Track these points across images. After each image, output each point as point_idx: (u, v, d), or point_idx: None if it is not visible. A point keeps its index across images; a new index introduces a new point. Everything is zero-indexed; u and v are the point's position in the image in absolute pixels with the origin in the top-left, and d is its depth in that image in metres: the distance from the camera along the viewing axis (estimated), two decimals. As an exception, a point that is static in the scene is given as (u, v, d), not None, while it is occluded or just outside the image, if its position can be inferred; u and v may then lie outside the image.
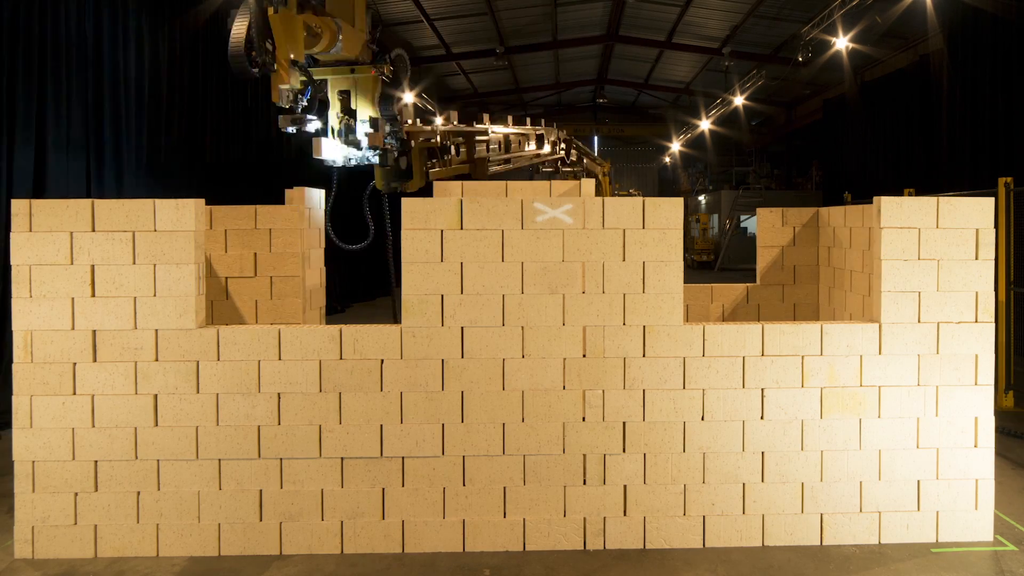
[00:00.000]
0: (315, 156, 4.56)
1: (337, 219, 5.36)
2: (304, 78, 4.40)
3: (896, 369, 4.29)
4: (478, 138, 6.32)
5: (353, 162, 4.82)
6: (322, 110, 4.72)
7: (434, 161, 5.43)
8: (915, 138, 15.70)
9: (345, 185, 5.36)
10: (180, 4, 9.66)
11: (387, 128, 4.73)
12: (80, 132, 7.81)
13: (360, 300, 16.61)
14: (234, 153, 11.05)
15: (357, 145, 4.71)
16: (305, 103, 4.54)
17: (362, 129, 4.71)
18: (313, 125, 4.62)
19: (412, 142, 5.07)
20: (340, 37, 4.41)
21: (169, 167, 9.23)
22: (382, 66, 4.81)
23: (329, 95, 4.76)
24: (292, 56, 4.12)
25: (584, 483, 4.26)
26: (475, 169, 6.13)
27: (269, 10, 4.00)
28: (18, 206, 4.12)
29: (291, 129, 4.48)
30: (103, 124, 8.07)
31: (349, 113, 4.71)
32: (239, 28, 3.86)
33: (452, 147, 5.76)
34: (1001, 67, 11.28)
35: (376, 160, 4.83)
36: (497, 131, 7.06)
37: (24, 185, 7.09)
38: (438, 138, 5.42)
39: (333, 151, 4.64)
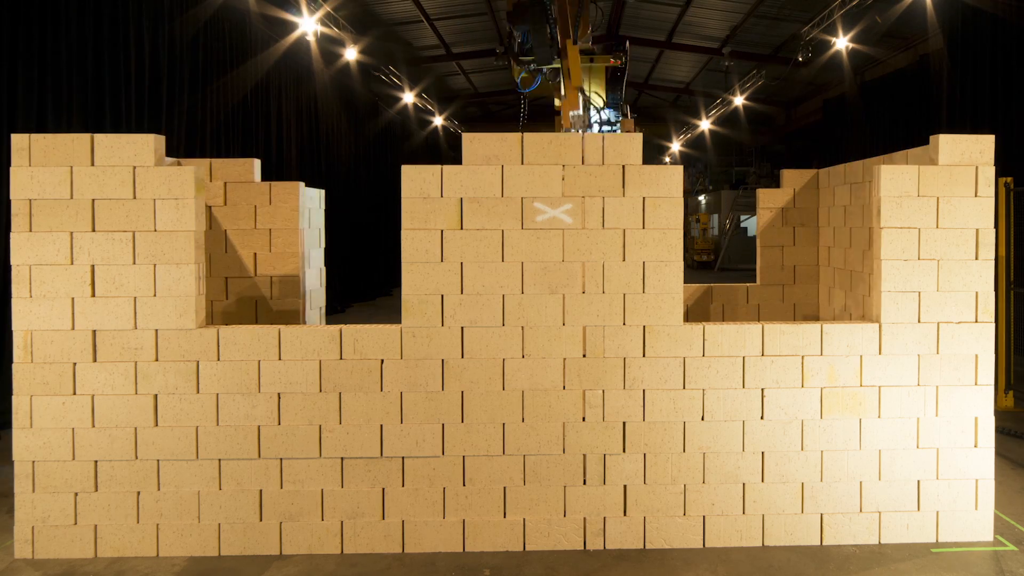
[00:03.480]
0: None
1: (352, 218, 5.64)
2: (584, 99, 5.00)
3: (896, 369, 4.29)
4: None
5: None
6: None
7: None
8: (915, 138, 15.68)
9: (351, 185, 5.44)
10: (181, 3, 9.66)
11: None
12: (80, 130, 7.80)
13: (360, 300, 16.62)
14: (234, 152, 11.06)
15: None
16: (588, 123, 5.13)
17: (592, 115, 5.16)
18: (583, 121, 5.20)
19: None
20: (590, 29, 4.84)
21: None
22: (620, 55, 5.39)
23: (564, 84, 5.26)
24: (579, 83, 4.64)
25: (584, 483, 4.26)
26: None
27: (567, 42, 4.49)
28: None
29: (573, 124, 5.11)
30: (103, 122, 8.06)
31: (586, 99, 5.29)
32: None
33: None
34: (1001, 67, 11.28)
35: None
36: None
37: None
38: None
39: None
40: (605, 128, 5.38)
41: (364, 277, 16.94)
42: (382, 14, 16.49)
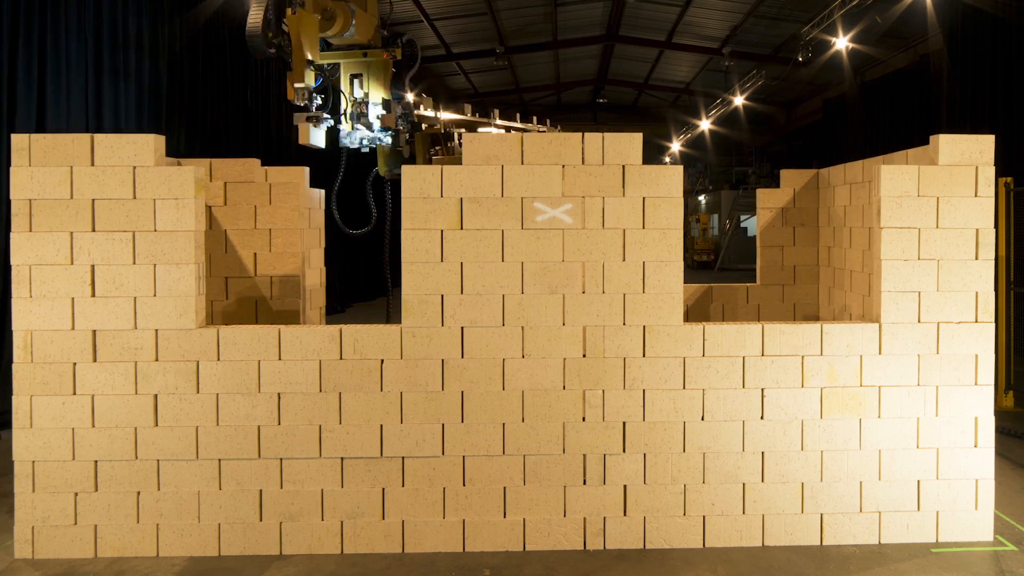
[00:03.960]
0: (300, 142, 4.65)
1: (339, 209, 5.49)
2: (316, 71, 4.50)
3: (896, 369, 4.29)
4: (480, 129, 6.39)
5: (364, 143, 4.93)
6: (335, 106, 4.80)
7: (437, 148, 5.52)
8: (915, 138, 15.68)
9: (352, 185, 5.46)
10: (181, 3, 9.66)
11: (399, 110, 4.84)
12: (80, 130, 7.80)
13: (360, 300, 16.61)
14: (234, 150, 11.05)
15: (369, 127, 4.83)
16: (320, 100, 4.62)
17: (375, 111, 4.80)
18: (326, 123, 4.70)
19: (423, 126, 5.22)
20: (353, 21, 4.51)
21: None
22: (394, 49, 4.94)
23: (341, 79, 4.86)
24: (309, 56, 4.24)
25: (584, 483, 4.26)
26: None
27: (287, 10, 4.13)
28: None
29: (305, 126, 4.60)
30: (103, 118, 8.06)
31: (360, 96, 4.84)
32: (256, 12, 3.97)
33: (456, 135, 5.88)
34: (1001, 67, 11.28)
35: (388, 141, 4.94)
36: (500, 124, 7.16)
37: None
38: (441, 126, 5.52)
39: (318, 138, 4.74)
40: (381, 134, 4.97)
41: (364, 277, 16.93)
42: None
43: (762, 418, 4.27)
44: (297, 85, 4.34)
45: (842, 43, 16.17)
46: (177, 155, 9.19)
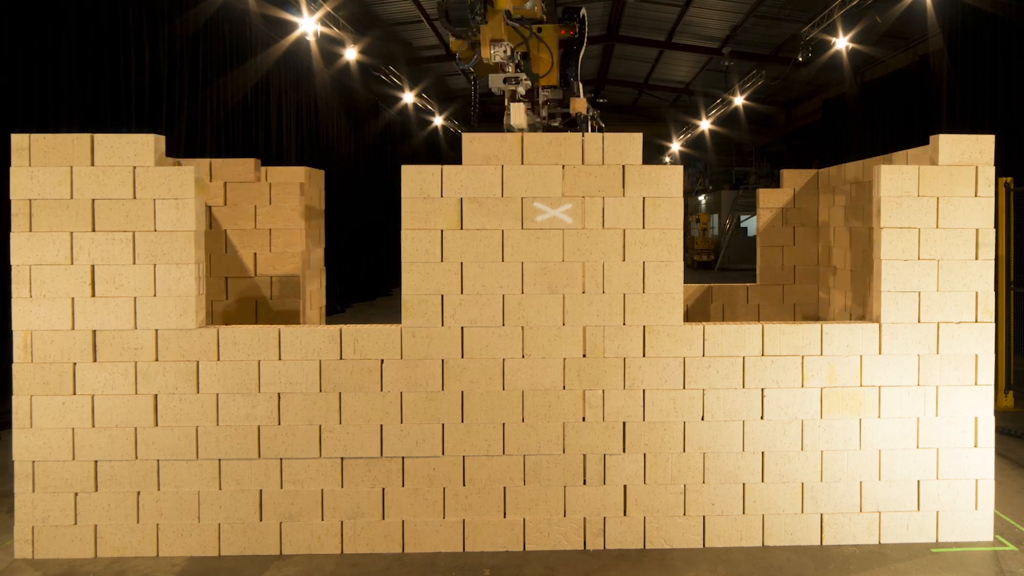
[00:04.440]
0: (512, 123, 4.29)
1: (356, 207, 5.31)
2: (518, 29, 3.94)
3: (896, 369, 4.29)
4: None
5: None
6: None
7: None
8: (915, 138, 15.67)
9: (352, 185, 5.38)
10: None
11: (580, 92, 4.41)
12: (80, 130, 7.80)
13: (360, 300, 16.61)
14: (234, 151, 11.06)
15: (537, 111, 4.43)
16: (517, 60, 4.13)
17: (544, 95, 4.38)
18: (524, 85, 4.23)
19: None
20: None
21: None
22: (573, 24, 4.50)
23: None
24: (508, 6, 3.72)
25: (584, 483, 4.26)
26: None
27: None
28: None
29: (498, 90, 4.15)
30: (103, 118, 8.06)
31: (531, 76, 4.32)
32: None
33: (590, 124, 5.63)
34: (1001, 67, 11.28)
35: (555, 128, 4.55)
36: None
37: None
38: (590, 113, 5.20)
39: (520, 119, 4.36)
40: (545, 109, 4.43)
41: (364, 277, 16.94)
42: (382, 14, 16.48)
43: (762, 418, 4.27)
44: (495, 41, 3.80)
45: (842, 43, 16.16)
46: (177, 155, 9.20)
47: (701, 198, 35.35)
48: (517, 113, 4.25)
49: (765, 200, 6.00)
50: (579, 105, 4.37)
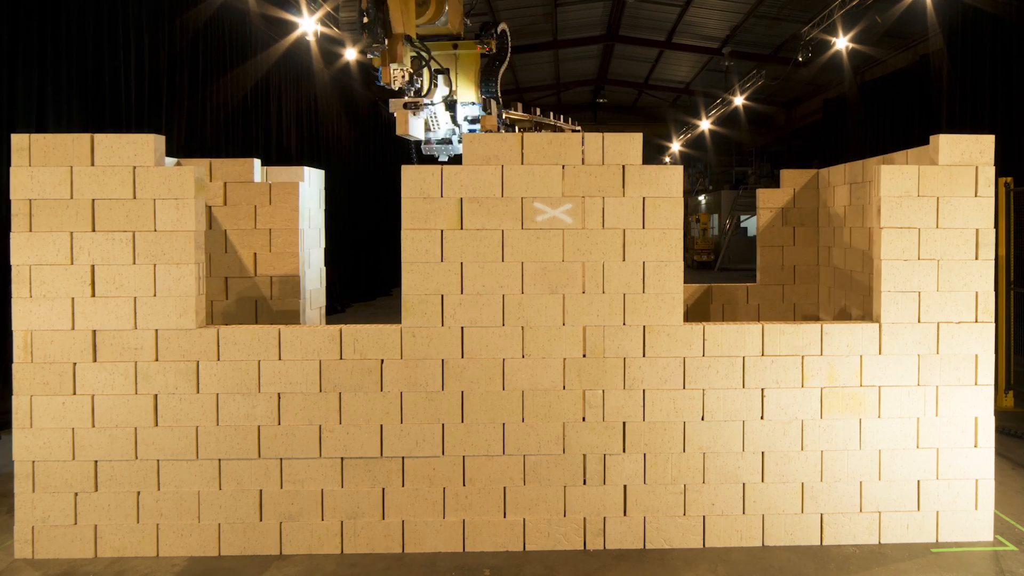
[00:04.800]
0: (398, 133, 4.32)
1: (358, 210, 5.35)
2: (415, 54, 4.00)
3: (896, 369, 4.29)
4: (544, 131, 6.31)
5: (446, 153, 4.58)
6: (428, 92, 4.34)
7: None
8: (915, 138, 15.67)
9: (351, 185, 5.38)
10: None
11: (495, 110, 4.50)
12: (80, 130, 7.80)
13: (360, 300, 16.61)
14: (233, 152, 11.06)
15: (454, 128, 4.46)
16: (418, 85, 4.18)
17: (464, 111, 4.44)
18: (428, 111, 4.32)
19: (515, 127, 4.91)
20: (447, 8, 4.12)
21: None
22: (488, 41, 4.53)
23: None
24: (405, 30, 3.78)
25: (584, 483, 4.26)
26: None
27: None
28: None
29: (393, 114, 4.19)
30: (103, 118, 8.06)
31: (446, 95, 4.42)
32: None
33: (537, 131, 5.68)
34: (1001, 67, 11.28)
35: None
36: (561, 126, 7.09)
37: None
38: (531, 126, 5.28)
39: (417, 128, 4.39)
40: (466, 125, 4.43)
41: (364, 277, 16.94)
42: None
43: (762, 418, 4.27)
44: (393, 66, 3.90)
45: (842, 43, 16.17)
46: (177, 155, 9.20)
47: (701, 198, 35.34)
48: (401, 122, 4.32)
49: (765, 200, 6.00)
50: (488, 123, 4.40)
